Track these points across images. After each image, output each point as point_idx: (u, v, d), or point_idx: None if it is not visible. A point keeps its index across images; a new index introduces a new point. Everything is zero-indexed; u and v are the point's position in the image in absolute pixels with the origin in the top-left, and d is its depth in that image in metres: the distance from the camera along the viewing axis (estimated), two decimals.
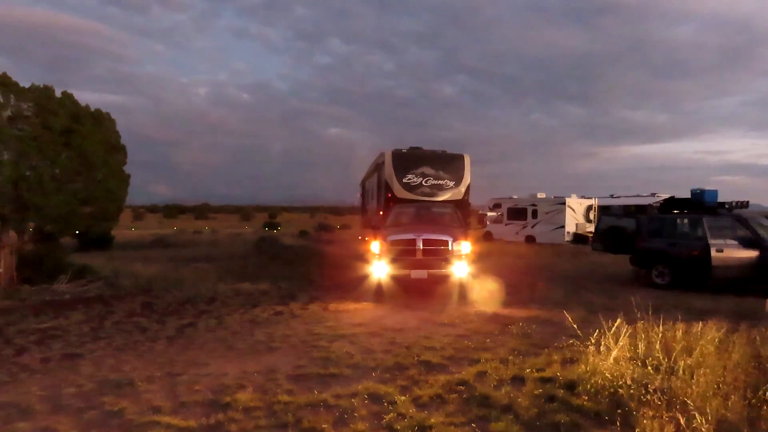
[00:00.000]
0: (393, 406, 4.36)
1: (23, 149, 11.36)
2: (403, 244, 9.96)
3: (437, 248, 9.83)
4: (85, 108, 13.00)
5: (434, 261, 9.75)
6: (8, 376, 5.28)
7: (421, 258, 9.76)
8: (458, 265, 9.70)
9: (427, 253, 9.79)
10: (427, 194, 15.10)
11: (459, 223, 11.54)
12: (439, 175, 15.40)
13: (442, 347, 6.34)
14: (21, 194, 11.29)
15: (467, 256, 9.92)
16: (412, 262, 9.77)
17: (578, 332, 6.10)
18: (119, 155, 13.46)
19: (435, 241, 9.90)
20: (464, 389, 4.81)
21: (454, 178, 15.51)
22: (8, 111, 11.38)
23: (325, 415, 4.21)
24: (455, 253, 9.79)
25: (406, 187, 15.17)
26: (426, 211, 12.25)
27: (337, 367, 5.52)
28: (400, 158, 15.55)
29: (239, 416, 4.18)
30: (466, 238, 10.17)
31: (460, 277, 9.75)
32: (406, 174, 15.30)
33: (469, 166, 15.83)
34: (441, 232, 10.23)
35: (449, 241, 9.85)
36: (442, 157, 15.91)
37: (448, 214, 11.94)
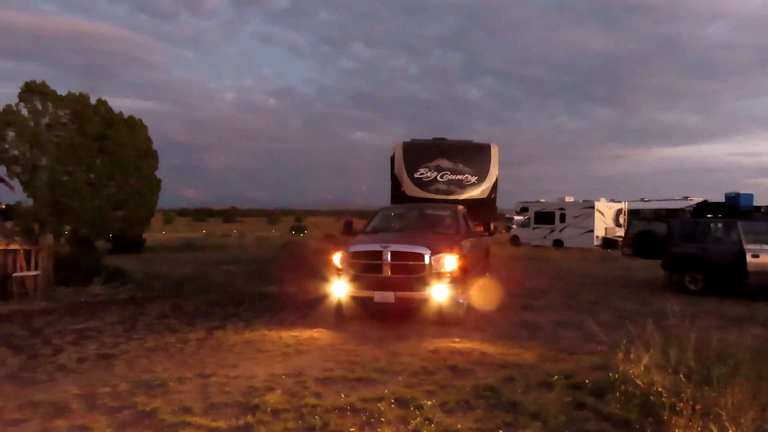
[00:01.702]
0: (420, 411, 4.37)
1: (60, 155, 11.76)
2: (366, 257, 7.83)
3: (410, 263, 7.56)
4: (118, 115, 13.40)
5: (405, 280, 7.51)
6: (46, 375, 5.45)
7: (389, 276, 7.56)
8: (437, 286, 7.42)
9: (397, 269, 7.56)
10: (443, 192, 12.82)
11: (459, 230, 9.04)
12: (459, 169, 12.96)
13: (469, 351, 6.31)
14: (58, 199, 11.67)
15: (452, 275, 7.56)
16: (377, 281, 7.59)
17: (607, 338, 6.00)
18: (151, 160, 13.83)
19: (407, 254, 7.62)
20: (491, 395, 4.78)
21: (476, 172, 13.06)
22: (46, 118, 11.81)
23: (352, 419, 4.24)
24: (434, 270, 7.46)
25: (417, 183, 12.92)
26: (420, 213, 10.08)
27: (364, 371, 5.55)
28: (412, 150, 13.25)
29: (267, 418, 4.24)
30: (451, 251, 7.71)
31: (439, 302, 7.49)
32: (418, 168, 12.98)
33: (496, 158, 13.31)
34: (417, 242, 7.88)
35: (426, 255, 7.51)
36: (463, 147, 13.50)
37: (448, 217, 9.48)
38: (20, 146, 11.73)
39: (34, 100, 11.99)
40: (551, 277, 14.47)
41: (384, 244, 7.82)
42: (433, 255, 7.54)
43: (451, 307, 7.62)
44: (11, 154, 11.96)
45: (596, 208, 26.50)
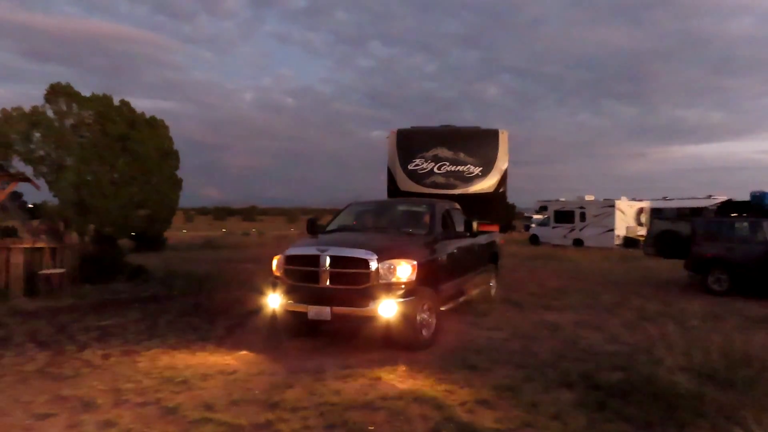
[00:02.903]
0: (440, 410, 4.38)
1: (84, 155, 12.00)
2: (302, 263, 6.47)
3: (351, 272, 6.16)
4: (140, 115, 13.62)
5: (345, 293, 6.14)
6: (72, 370, 5.57)
7: (326, 287, 6.22)
8: (384, 301, 5.96)
9: (337, 278, 6.21)
10: (441, 186, 11.11)
11: (433, 230, 7.42)
12: (460, 159, 11.23)
13: (487, 350, 6.30)
14: (82, 198, 11.91)
15: (407, 286, 6.11)
16: (312, 293, 6.27)
17: (629, 339, 5.94)
18: (172, 160, 14.04)
19: (348, 260, 6.19)
20: (511, 394, 4.77)
21: (481, 163, 11.26)
22: (71, 119, 12.07)
23: (372, 416, 4.26)
24: (382, 279, 6.05)
25: (412, 176, 11.26)
26: (391, 210, 8.55)
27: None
28: (407, 138, 11.52)
29: (287, 415, 4.28)
30: (407, 256, 6.27)
31: (387, 319, 5.99)
32: (412, 159, 11.29)
33: (506, 147, 11.51)
34: (363, 244, 6.45)
35: (370, 261, 6.06)
36: (465, 134, 11.67)
37: (424, 215, 7.83)
38: (46, 146, 12.02)
39: (60, 102, 12.26)
40: (571, 276, 14.33)
41: (322, 247, 6.41)
42: (381, 261, 6.06)
43: (403, 328, 6.05)
44: (37, 154, 12.27)
45: (617, 207, 26.17)
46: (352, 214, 8.46)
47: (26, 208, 16.32)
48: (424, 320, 6.43)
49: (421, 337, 6.35)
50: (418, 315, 6.28)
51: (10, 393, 4.83)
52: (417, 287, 6.26)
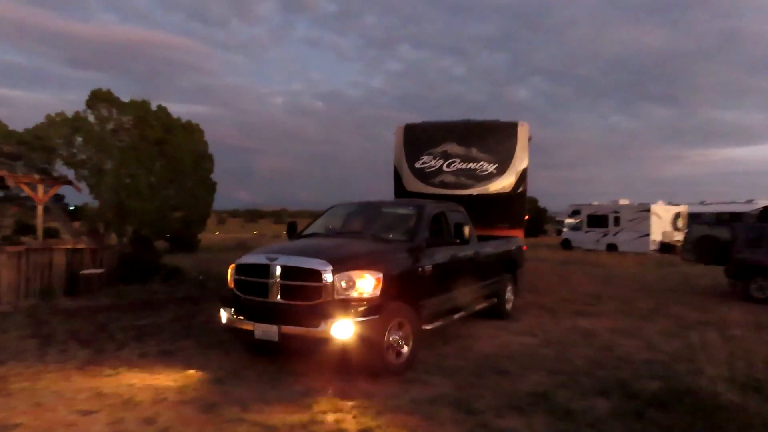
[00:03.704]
0: (473, 416, 4.35)
1: (123, 159, 12.35)
2: (252, 274, 5.64)
3: (303, 285, 5.29)
4: (176, 119, 13.96)
5: (296, 310, 5.25)
6: (112, 368, 5.73)
7: (276, 302, 5.39)
8: (340, 321, 5.03)
9: (288, 292, 5.36)
10: (451, 185, 9.95)
11: (416, 236, 6.36)
12: (472, 156, 10.06)
13: (519, 356, 6.22)
14: (121, 200, 12.26)
15: (369, 303, 5.19)
16: (260, 309, 5.46)
17: (667, 347, 5.79)
18: (207, 164, 14.32)
19: (299, 270, 5.33)
20: (544, 401, 4.70)
21: (496, 159, 10.02)
22: (111, 124, 12.46)
23: (404, 420, 4.26)
24: (338, 294, 5.16)
25: (419, 174, 10.17)
26: (374, 213, 7.46)
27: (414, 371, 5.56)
28: (415, 134, 10.53)
29: (321, 417, 4.32)
30: (370, 267, 5.34)
31: (342, 341, 5.06)
32: (420, 156, 10.25)
33: (525, 141, 10.23)
34: (317, 253, 5.60)
35: (324, 272, 5.18)
36: (479, 128, 10.42)
37: (410, 218, 6.79)
38: (87, 151, 12.44)
39: (100, 107, 12.68)
40: (605, 282, 14.04)
41: (273, 255, 5.58)
42: (338, 273, 5.16)
43: (364, 352, 5.13)
44: (79, 158, 12.70)
45: (653, 212, 25.55)
46: (331, 218, 7.64)
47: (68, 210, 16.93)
48: (396, 342, 5.44)
49: (391, 361, 5.37)
50: (387, 336, 5.30)
51: (53, 389, 5.00)
52: (384, 304, 5.28)
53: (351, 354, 5.19)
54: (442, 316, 6.59)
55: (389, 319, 5.34)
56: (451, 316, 6.82)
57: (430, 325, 6.19)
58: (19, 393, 4.86)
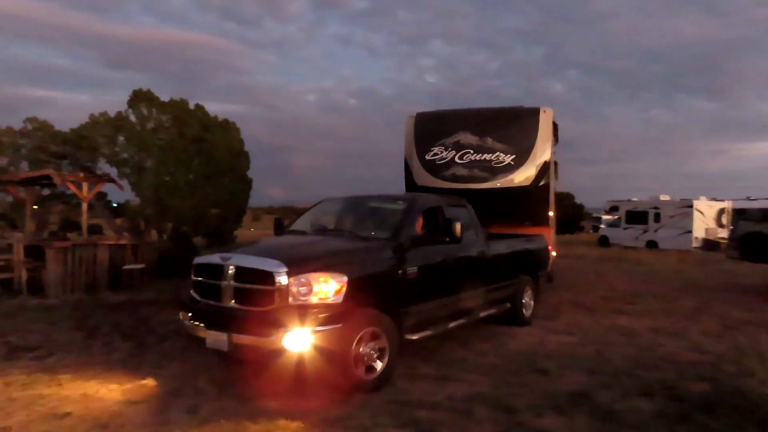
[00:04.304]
0: (511, 415, 4.29)
1: (163, 157, 12.66)
2: (207, 275, 5.10)
3: (256, 288, 4.69)
4: (213, 118, 14.21)
5: (248, 316, 4.67)
6: (153, 361, 5.89)
7: (229, 307, 4.83)
8: (294, 331, 4.40)
9: (242, 297, 4.78)
10: (464, 178, 9.04)
11: (401, 234, 5.62)
12: (487, 146, 9.06)
13: (558, 355, 6.11)
14: (161, 198, 12.57)
15: (331, 309, 4.56)
16: (212, 314, 4.93)
17: (713, 348, 5.60)
18: (243, 161, 14.52)
19: (252, 272, 4.74)
20: (584, 401, 4.60)
21: (515, 150, 8.98)
22: (151, 123, 12.79)
23: (441, 417, 4.24)
24: (294, 299, 4.52)
25: (429, 167, 9.31)
26: (360, 208, 6.80)
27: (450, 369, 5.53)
28: (426, 123, 9.63)
29: (358, 413, 4.33)
30: (331, 269, 4.68)
31: (297, 353, 4.42)
32: (431, 147, 9.37)
33: (548, 130, 9.12)
34: (272, 252, 5.12)
35: (277, 275, 4.54)
36: (495, 115, 9.41)
37: (398, 213, 6.06)
38: (129, 149, 12.82)
39: (141, 107, 13.02)
40: (645, 280, 13.67)
41: (227, 254, 5.07)
42: (293, 275, 4.53)
43: (325, 366, 4.48)
44: (121, 156, 13.10)
45: (695, 207, 24.74)
46: (316, 214, 7.08)
47: (110, 207, 17.47)
48: (367, 355, 4.79)
49: (360, 376, 4.70)
50: (355, 348, 4.66)
51: (100, 379, 5.17)
52: (350, 311, 4.64)
53: (309, 368, 4.48)
54: (433, 325, 5.83)
55: (357, 328, 4.69)
56: (446, 325, 6.04)
57: (417, 334, 5.49)
58: (68, 383, 5.04)
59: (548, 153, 9.07)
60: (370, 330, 4.82)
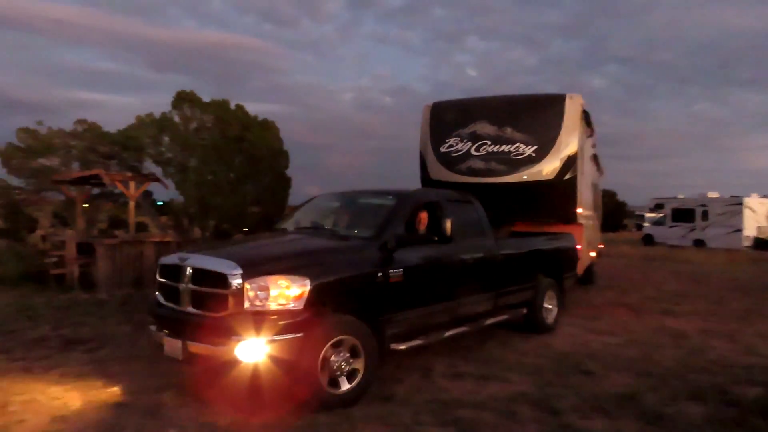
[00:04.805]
0: (556, 416, 4.22)
1: (205, 156, 12.97)
2: (169, 277, 4.73)
3: (211, 292, 4.30)
4: (254, 118, 14.46)
5: (203, 322, 4.27)
6: None
7: (186, 311, 4.46)
8: (247, 340, 3.99)
9: (199, 301, 4.40)
10: (480, 172, 8.26)
11: (385, 231, 5.07)
12: (505, 137, 8.25)
13: (603, 356, 5.97)
14: (203, 196, 12.89)
15: (291, 316, 4.11)
16: (169, 319, 4.58)
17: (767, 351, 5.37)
18: (282, 160, 14.73)
19: (208, 274, 4.36)
20: (632, 404, 4.48)
21: (537, 140, 8.13)
22: (194, 123, 13.13)
23: (484, 417, 4.20)
24: (251, 306, 4.11)
25: (444, 160, 8.60)
26: (349, 205, 6.34)
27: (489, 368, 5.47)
28: (442, 113, 8.95)
29: (399, 410, 4.33)
30: (295, 272, 4.22)
31: (251, 364, 4.07)
32: (446, 139, 8.66)
33: (576, 118, 8.22)
34: (230, 252, 4.86)
35: (231, 277, 4.14)
36: (515, 103, 8.62)
37: (384, 209, 5.52)
38: (173, 149, 13.20)
39: (184, 107, 13.38)
40: (693, 280, 13.21)
41: (185, 254, 4.75)
42: (249, 278, 4.12)
43: (282, 377, 4.14)
44: (166, 156, 13.49)
45: (746, 205, 23.78)
46: (306, 211, 6.61)
47: (156, 205, 18.01)
48: (339, 366, 4.32)
49: (328, 390, 4.24)
50: (323, 359, 4.20)
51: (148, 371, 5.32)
52: (315, 318, 4.19)
53: (267, 380, 4.15)
54: (426, 333, 5.30)
55: (325, 337, 4.22)
56: (442, 333, 5.48)
57: (405, 344, 5.01)
58: (118, 376, 5.22)
59: (575, 144, 8.12)
60: (341, 339, 4.35)
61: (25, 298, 9.18)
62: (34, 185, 15.77)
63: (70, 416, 4.18)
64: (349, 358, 4.39)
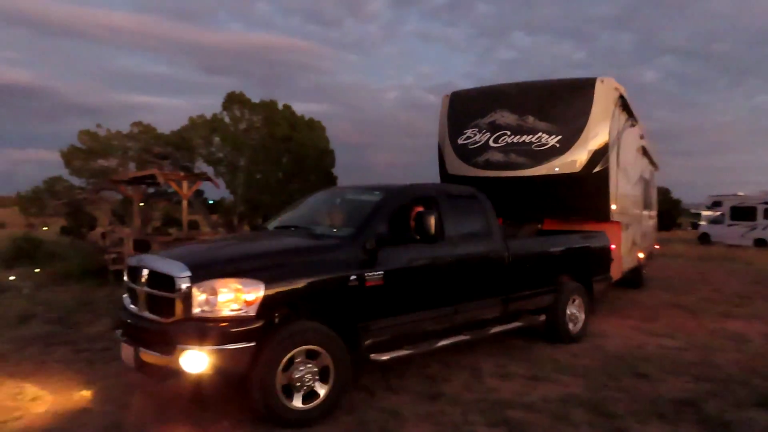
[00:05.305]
0: (611, 420, 4.11)
1: (254, 156, 13.28)
2: (131, 278, 4.42)
3: (162, 296, 3.98)
4: (300, 118, 14.70)
5: (153, 329, 4.00)
6: None
7: (140, 316, 4.19)
8: (192, 348, 3.68)
9: (153, 305, 4.08)
10: (499, 165, 7.60)
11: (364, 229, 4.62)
12: (527, 126, 7.52)
13: (659, 359, 5.76)
14: (252, 194, 13.20)
15: (240, 325, 3.74)
16: (126, 323, 4.30)
17: None
18: (328, 159, 14.93)
19: (158, 276, 4.04)
20: (692, 410, 4.31)
21: (561, 129, 7.35)
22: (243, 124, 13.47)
23: (535, 419, 4.13)
24: (199, 311, 3.77)
25: (461, 153, 7.97)
26: (336, 201, 5.88)
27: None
28: (460, 103, 8.29)
29: (448, 409, 4.32)
30: (247, 275, 3.85)
31: (197, 375, 3.72)
32: (463, 131, 8.02)
33: (608, 104, 7.35)
34: (184, 254, 4.40)
35: (179, 281, 3.81)
36: (538, 90, 7.80)
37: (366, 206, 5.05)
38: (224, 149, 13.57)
39: (234, 108, 13.73)
40: (755, 281, 12.56)
41: (142, 256, 4.58)
42: (197, 281, 3.78)
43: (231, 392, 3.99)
44: (217, 156, 13.89)
45: None
46: (298, 208, 6.11)
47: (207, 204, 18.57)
48: (301, 380, 3.89)
49: (286, 406, 3.83)
50: (282, 371, 3.80)
51: None
52: (272, 326, 3.86)
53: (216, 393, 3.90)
54: (413, 343, 4.81)
55: (284, 347, 3.81)
56: (433, 343, 4.97)
57: (387, 354, 4.54)
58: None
59: (605, 133, 7.25)
60: (305, 349, 3.91)
61: (87, 293, 9.61)
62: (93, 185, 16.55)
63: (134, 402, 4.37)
64: (314, 371, 3.96)
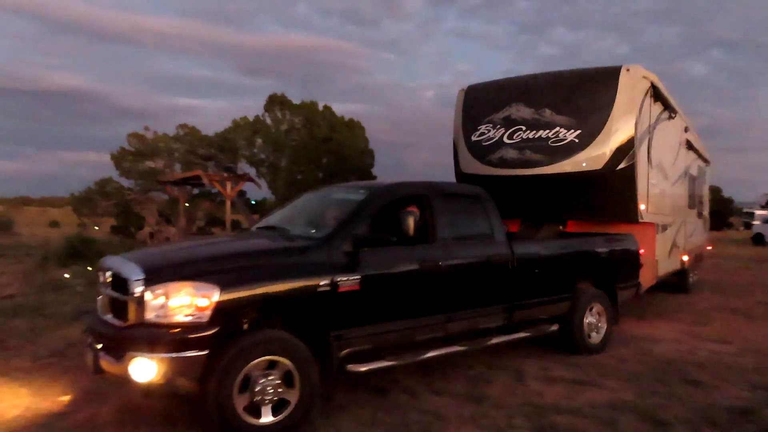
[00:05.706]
0: (662, 428, 3.98)
1: (295, 156, 13.47)
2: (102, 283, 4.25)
3: (120, 299, 3.82)
4: (340, 118, 14.81)
5: (110, 333, 3.82)
6: None
7: (104, 318, 4.04)
8: (140, 355, 3.46)
9: (114, 308, 3.93)
10: (513, 163, 7.09)
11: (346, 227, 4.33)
12: (543, 120, 6.96)
13: (712, 365, 5.55)
14: (293, 194, 13.40)
15: (192, 331, 3.48)
16: (91, 327, 4.10)
17: None
18: (367, 158, 15.00)
19: (117, 279, 3.90)
20: (749, 419, 4.13)
21: (581, 123, 6.74)
22: (285, 125, 13.67)
23: (582, 424, 4.04)
24: (152, 317, 3.53)
25: (474, 150, 7.50)
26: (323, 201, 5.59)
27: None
28: (475, 97, 7.81)
29: (492, 412, 4.27)
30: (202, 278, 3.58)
31: (145, 385, 3.66)
32: (477, 125, 7.53)
33: (634, 95, 6.72)
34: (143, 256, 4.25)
35: (132, 284, 3.61)
36: (556, 81, 7.17)
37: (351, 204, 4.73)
38: (265, 150, 13.82)
39: (275, 110, 13.96)
40: None
41: (108, 258, 4.40)
42: (150, 284, 3.57)
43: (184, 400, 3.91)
44: (259, 157, 14.15)
45: None
46: (287, 208, 5.87)
47: (249, 204, 18.94)
48: (264, 393, 3.62)
49: (245, 421, 3.57)
50: (239, 383, 3.54)
51: None
52: (227, 334, 3.62)
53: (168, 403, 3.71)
54: (396, 354, 4.44)
55: (243, 357, 3.56)
56: (420, 354, 4.59)
57: (366, 366, 4.22)
58: None
59: (631, 126, 6.61)
60: (267, 359, 3.65)
61: None
62: (141, 186, 17.14)
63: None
64: (277, 383, 3.67)
